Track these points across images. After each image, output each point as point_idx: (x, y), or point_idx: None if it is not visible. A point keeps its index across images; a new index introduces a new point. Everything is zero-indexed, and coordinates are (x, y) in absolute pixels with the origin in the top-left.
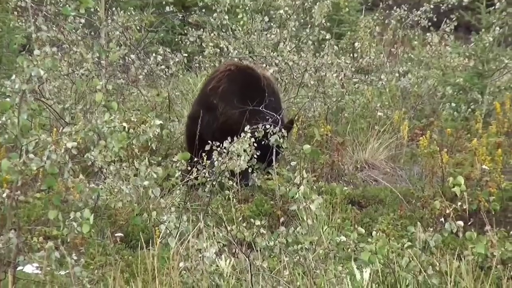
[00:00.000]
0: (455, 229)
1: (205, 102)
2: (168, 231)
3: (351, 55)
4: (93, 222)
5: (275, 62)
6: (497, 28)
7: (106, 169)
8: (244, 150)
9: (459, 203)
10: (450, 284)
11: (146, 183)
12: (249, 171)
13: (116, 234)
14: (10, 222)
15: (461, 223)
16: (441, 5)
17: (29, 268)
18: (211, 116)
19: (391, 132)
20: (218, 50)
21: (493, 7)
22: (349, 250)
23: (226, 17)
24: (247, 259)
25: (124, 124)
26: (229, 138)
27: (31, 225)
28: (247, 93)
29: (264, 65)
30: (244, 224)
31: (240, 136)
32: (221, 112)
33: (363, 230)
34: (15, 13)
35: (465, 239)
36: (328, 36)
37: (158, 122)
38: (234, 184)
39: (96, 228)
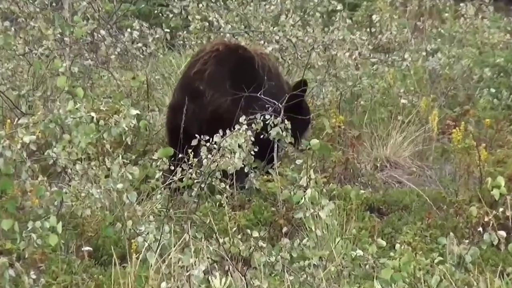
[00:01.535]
0: (495, 240)
1: (189, 88)
2: (146, 245)
3: (368, 30)
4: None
5: (275, 38)
6: None
7: (71, 169)
8: (239, 146)
9: (501, 209)
10: None
11: (119, 186)
12: (245, 171)
13: (83, 248)
14: None
15: (503, 233)
16: None
17: None
18: (197, 105)
19: (417, 123)
20: (207, 25)
21: None
22: (367, 266)
23: None
24: (243, 278)
25: (93, 114)
26: (220, 131)
27: None
28: (240, 77)
29: (262, 42)
30: (240, 236)
31: (234, 128)
32: (209, 100)
33: (384, 243)
34: None
35: (508, 252)
36: (339, 7)
37: (134, 112)
38: (227, 187)
39: (59, 241)
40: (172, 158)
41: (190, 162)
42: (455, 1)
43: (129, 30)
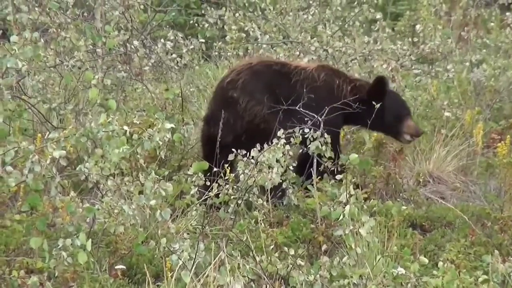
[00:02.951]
0: None
1: (222, 97)
2: (181, 263)
3: (411, 39)
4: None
5: (312, 49)
6: None
7: (103, 185)
8: (277, 160)
9: None
10: None
11: (153, 202)
12: (283, 186)
13: (116, 267)
14: None
15: None
16: None
17: None
18: (231, 114)
19: (461, 137)
20: (244, 35)
21: None
22: (409, 285)
23: None
24: None
25: (126, 127)
26: (257, 145)
27: (9, 256)
28: (275, 90)
29: (298, 53)
30: (277, 254)
31: (271, 141)
32: (244, 107)
33: (426, 260)
34: None
35: None
36: (378, 16)
37: (168, 125)
38: (265, 203)
39: (91, 259)
40: (208, 173)
41: (226, 177)
42: (501, 10)
43: (163, 40)
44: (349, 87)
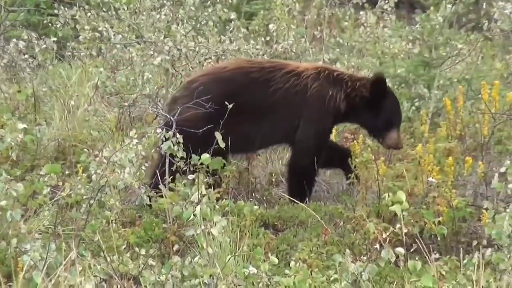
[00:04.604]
0: (394, 257)
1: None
2: (32, 263)
3: (264, 39)
4: None
5: (165, 49)
6: (448, 5)
7: None
8: (130, 161)
9: (399, 226)
10: None
11: (3, 203)
12: (136, 186)
13: None
14: None
15: (401, 250)
16: None
17: None
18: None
19: None
20: (98, 35)
21: None
22: (261, 284)
23: None
24: None
25: None
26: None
27: None
28: (243, 98)
29: (152, 52)
30: (129, 254)
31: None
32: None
33: (276, 260)
34: None
35: (407, 270)
36: (233, 16)
37: (21, 126)
38: (117, 203)
39: None
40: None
41: (79, 177)
42: (355, 9)
43: (15, 40)
44: (343, 95)
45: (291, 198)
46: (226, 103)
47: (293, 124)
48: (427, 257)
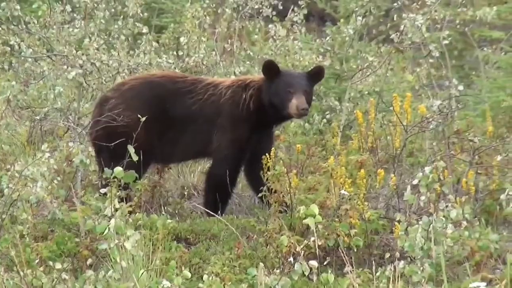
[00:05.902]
0: (307, 270)
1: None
2: None
3: (175, 52)
4: None
5: (79, 63)
6: (359, 17)
7: None
8: (42, 175)
9: (312, 238)
10: None
11: None
12: (48, 200)
13: None
14: None
15: (314, 263)
16: None
17: None
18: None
19: None
20: (8, 49)
21: None
22: None
23: (18, 6)
24: None
25: None
26: None
27: None
28: (160, 108)
29: (65, 66)
30: (42, 268)
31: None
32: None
33: (189, 274)
34: None
35: (320, 282)
36: (145, 30)
37: None
38: (29, 217)
39: None
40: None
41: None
42: (265, 22)
43: None
44: (250, 92)
45: (206, 209)
46: (140, 115)
47: (211, 134)
48: (340, 270)
